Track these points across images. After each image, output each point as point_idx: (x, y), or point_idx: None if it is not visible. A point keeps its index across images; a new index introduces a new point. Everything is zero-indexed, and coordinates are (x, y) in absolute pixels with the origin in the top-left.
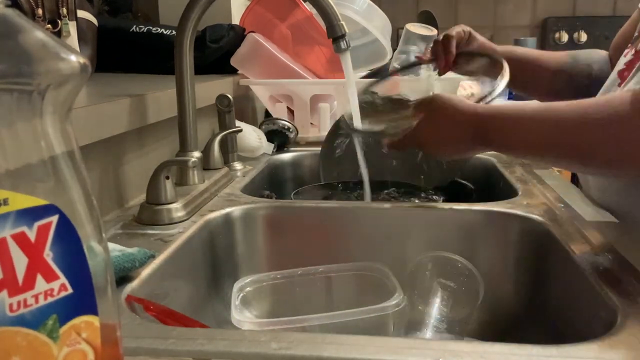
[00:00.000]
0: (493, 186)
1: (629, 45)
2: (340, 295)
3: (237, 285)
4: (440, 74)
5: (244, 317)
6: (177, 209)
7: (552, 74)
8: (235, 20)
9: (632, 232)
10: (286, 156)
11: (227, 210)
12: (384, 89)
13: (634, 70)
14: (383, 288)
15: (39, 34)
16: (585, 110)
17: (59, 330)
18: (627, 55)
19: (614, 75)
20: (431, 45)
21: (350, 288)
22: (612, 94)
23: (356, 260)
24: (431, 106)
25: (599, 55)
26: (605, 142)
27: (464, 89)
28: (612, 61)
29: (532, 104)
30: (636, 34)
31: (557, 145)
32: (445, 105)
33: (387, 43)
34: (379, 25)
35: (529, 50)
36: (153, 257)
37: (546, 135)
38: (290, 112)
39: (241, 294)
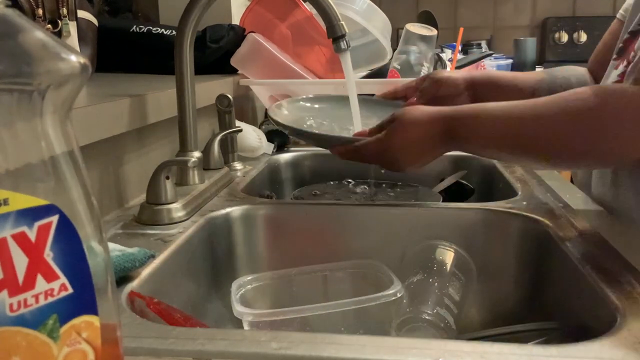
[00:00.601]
0: (493, 186)
1: (615, 56)
2: (339, 293)
3: (235, 284)
4: None
5: (245, 309)
6: (177, 209)
7: (530, 94)
8: (235, 20)
9: (629, 231)
10: (286, 156)
11: (227, 210)
12: (383, 89)
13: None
14: (381, 284)
15: (39, 34)
16: (559, 102)
17: (59, 330)
18: (619, 67)
19: None
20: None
21: (348, 285)
22: (582, 87)
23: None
24: (394, 125)
25: (576, 70)
26: (574, 133)
27: None
28: (594, 74)
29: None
30: (620, 44)
31: (526, 136)
32: (409, 120)
33: (387, 43)
34: (379, 25)
35: (504, 73)
36: (153, 257)
37: (516, 126)
38: None
39: (240, 292)
